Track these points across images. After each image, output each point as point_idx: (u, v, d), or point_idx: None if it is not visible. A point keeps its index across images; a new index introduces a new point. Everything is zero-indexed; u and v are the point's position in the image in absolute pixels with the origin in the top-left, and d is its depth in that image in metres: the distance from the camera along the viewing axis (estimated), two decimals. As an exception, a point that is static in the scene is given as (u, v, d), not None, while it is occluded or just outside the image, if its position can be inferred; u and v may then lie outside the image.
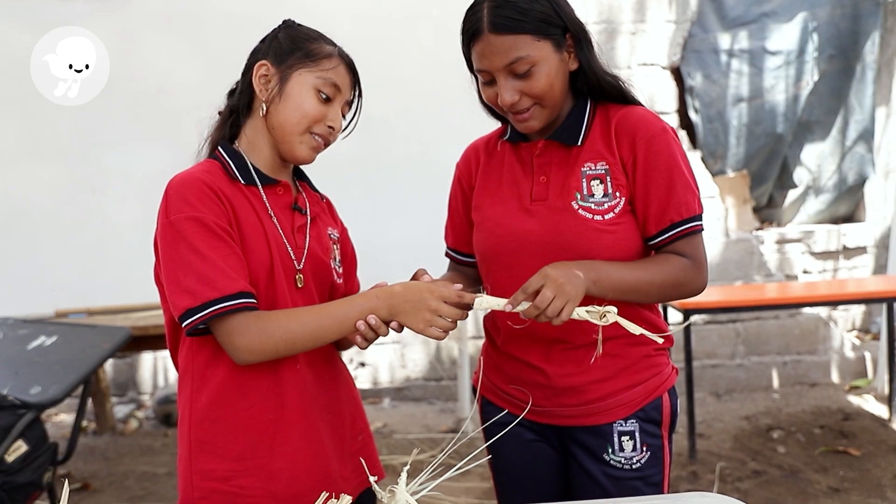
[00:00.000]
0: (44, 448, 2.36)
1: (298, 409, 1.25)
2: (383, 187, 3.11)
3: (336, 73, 1.27)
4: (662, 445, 1.38)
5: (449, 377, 4.21)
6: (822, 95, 4.33)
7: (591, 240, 1.30)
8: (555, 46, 1.28)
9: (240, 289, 1.15)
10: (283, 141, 1.26)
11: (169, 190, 1.19)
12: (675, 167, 1.30)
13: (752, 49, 4.26)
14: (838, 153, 4.42)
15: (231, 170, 1.25)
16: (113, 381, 4.29)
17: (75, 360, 2.50)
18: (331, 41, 1.31)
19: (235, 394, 1.21)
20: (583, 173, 1.32)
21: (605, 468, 1.36)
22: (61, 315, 2.99)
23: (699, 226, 1.33)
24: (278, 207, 1.28)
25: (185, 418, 1.25)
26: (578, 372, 1.35)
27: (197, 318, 1.13)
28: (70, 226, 2.99)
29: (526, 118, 1.31)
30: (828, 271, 4.45)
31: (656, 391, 1.38)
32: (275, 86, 1.25)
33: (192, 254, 1.14)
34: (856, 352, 4.30)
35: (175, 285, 1.15)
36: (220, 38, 3.03)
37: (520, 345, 1.39)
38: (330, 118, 1.27)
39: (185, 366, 1.25)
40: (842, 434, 3.49)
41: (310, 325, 1.18)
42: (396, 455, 3.39)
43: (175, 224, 1.15)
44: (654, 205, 1.31)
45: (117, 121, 2.99)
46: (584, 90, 1.36)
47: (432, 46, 3.14)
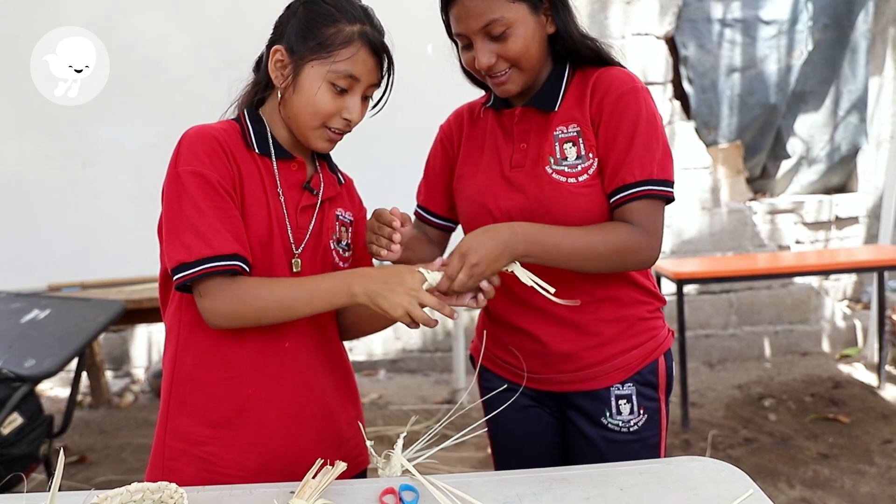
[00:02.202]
0: (39, 421, 2.37)
1: (280, 388, 1.22)
2: (376, 158, 3.09)
3: (353, 63, 1.18)
4: (659, 408, 1.39)
5: (443, 349, 4.23)
6: (815, 65, 4.32)
7: (567, 203, 1.29)
8: (531, 9, 1.26)
9: (233, 251, 1.13)
10: (298, 132, 1.23)
11: (182, 140, 1.16)
12: (637, 126, 1.26)
13: (745, 18, 4.23)
14: (831, 123, 4.42)
15: (248, 136, 1.22)
16: (108, 355, 4.29)
17: (69, 333, 2.50)
18: (356, 16, 1.20)
19: (218, 360, 1.20)
20: (555, 137, 1.31)
21: (603, 432, 1.37)
22: (55, 289, 2.98)
23: (656, 191, 1.26)
24: (288, 184, 1.24)
25: (167, 376, 1.23)
26: (573, 338, 1.36)
27: (189, 274, 1.11)
28: (62, 199, 2.97)
29: (503, 80, 1.30)
30: (820, 241, 4.48)
31: (652, 354, 1.38)
32: (289, 74, 1.19)
33: (192, 208, 1.12)
34: (846, 321, 4.34)
35: (173, 237, 1.13)
36: (211, 10, 3.00)
37: (515, 313, 1.39)
38: (346, 111, 1.21)
39: (172, 323, 1.23)
40: (832, 402, 3.54)
41: (280, 294, 1.13)
42: (392, 426, 3.42)
43: (181, 175, 1.13)
44: (612, 163, 1.27)
45: (108, 93, 2.95)
46: (563, 54, 1.34)
47: (423, 14, 3.11)
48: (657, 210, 1.28)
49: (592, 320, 1.35)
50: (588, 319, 1.35)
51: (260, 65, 1.27)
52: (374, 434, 3.32)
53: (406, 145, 3.18)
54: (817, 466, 2.90)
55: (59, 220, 2.98)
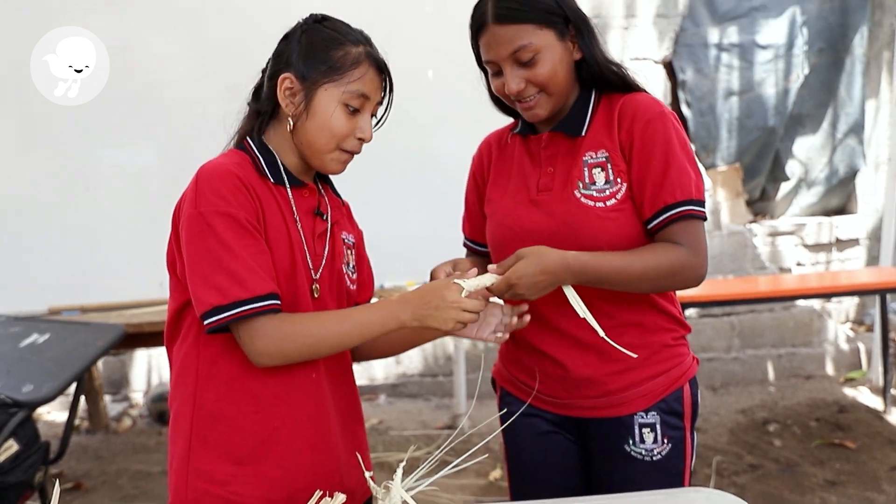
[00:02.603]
0: (35, 447, 2.33)
1: (307, 418, 1.21)
2: (375, 178, 3.09)
3: (363, 83, 1.21)
4: (684, 437, 1.38)
5: (445, 373, 4.20)
6: (812, 89, 4.35)
7: (595, 227, 1.31)
8: (557, 35, 1.30)
9: (270, 290, 1.13)
10: (313, 157, 1.23)
11: (200, 179, 1.15)
12: (670, 150, 1.29)
13: (742, 43, 4.27)
14: (829, 146, 4.44)
15: (261, 166, 1.21)
16: (106, 378, 4.25)
17: (68, 357, 2.48)
18: (357, 38, 1.24)
19: (243, 395, 1.18)
20: (584, 162, 1.34)
21: (625, 460, 1.36)
22: (54, 312, 2.96)
23: (696, 210, 1.30)
24: (302, 211, 1.24)
25: (184, 415, 1.20)
26: (595, 363, 1.36)
27: (224, 317, 1.10)
28: (64, 222, 2.96)
29: (532, 105, 1.33)
30: (821, 263, 4.47)
31: (677, 381, 1.37)
32: (300, 101, 1.20)
33: (222, 249, 1.11)
34: (850, 344, 4.32)
35: (202, 280, 1.11)
36: (216, 34, 3.02)
37: (538, 336, 1.40)
38: (359, 130, 1.23)
39: (188, 361, 1.21)
40: (837, 426, 3.50)
41: (332, 330, 1.16)
42: (392, 452, 3.38)
43: (206, 216, 1.12)
44: (649, 187, 1.30)
45: (112, 116, 2.96)
46: (589, 80, 1.37)
47: (428, 40, 3.14)
48: (699, 229, 1.31)
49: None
50: (612, 346, 1.34)
51: (259, 94, 1.27)
52: (374, 460, 3.28)
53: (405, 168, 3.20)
54: (824, 494, 2.86)
55: (61, 243, 2.97)
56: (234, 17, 2.99)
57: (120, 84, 2.93)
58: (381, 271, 3.12)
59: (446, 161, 3.14)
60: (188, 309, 1.19)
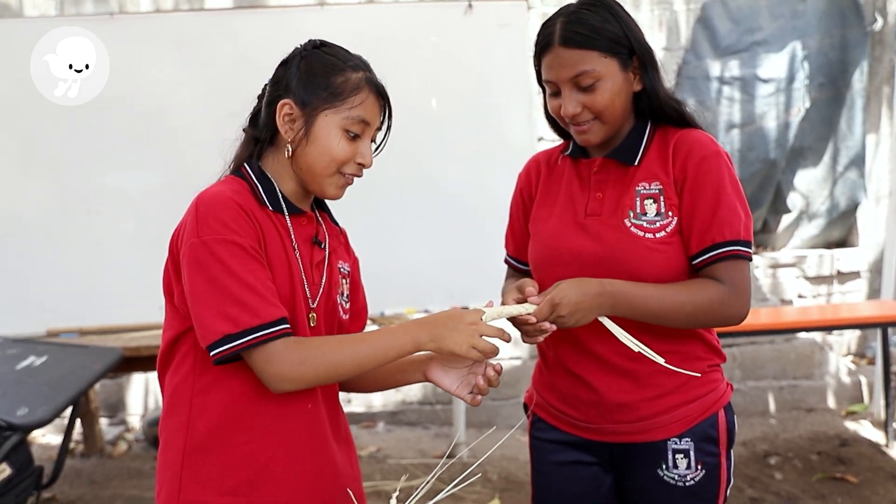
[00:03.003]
0: (28, 472, 2.32)
1: (301, 448, 1.20)
2: (381, 209, 3.11)
3: (364, 108, 1.21)
4: (719, 463, 1.38)
5: (444, 401, 4.17)
6: (813, 122, 4.38)
7: (642, 258, 1.32)
8: (621, 65, 1.32)
9: (280, 315, 1.12)
10: (312, 182, 1.23)
11: (200, 207, 1.13)
12: (722, 189, 1.31)
13: (744, 76, 4.31)
14: (830, 179, 4.46)
15: (259, 193, 1.20)
16: (103, 401, 4.23)
17: (65, 380, 2.47)
18: (357, 64, 1.23)
19: (237, 425, 1.16)
20: (637, 192, 1.36)
21: (658, 485, 1.37)
22: (53, 334, 2.96)
23: (743, 251, 1.31)
24: (301, 239, 1.23)
25: (175, 445, 1.18)
26: (630, 389, 1.36)
27: (237, 345, 1.09)
28: (64, 244, 2.97)
29: (585, 130, 1.35)
30: (822, 296, 4.46)
31: (712, 408, 1.38)
32: (300, 127, 1.19)
33: (229, 277, 1.09)
34: (851, 377, 4.29)
35: (209, 309, 1.10)
36: (218, 60, 3.05)
37: (573, 360, 1.40)
38: (359, 156, 1.22)
39: (181, 390, 1.19)
40: (839, 460, 3.47)
41: (350, 353, 1.14)
42: (390, 480, 3.34)
43: (209, 245, 1.10)
44: (698, 224, 1.32)
45: (114, 140, 2.98)
46: (646, 112, 1.39)
47: (428, 69, 3.17)
48: (744, 269, 1.32)
49: (651, 372, 1.35)
50: (647, 371, 1.35)
51: (256, 120, 1.26)
52: (371, 489, 3.24)
53: (406, 196, 3.21)
54: (826, 527, 2.82)
55: (60, 265, 2.97)
56: (238, 43, 3.03)
57: (122, 108, 2.96)
58: (381, 298, 3.16)
59: (447, 189, 3.17)
60: (184, 337, 1.18)
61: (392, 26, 3.14)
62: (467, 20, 3.13)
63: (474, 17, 3.13)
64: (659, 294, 1.28)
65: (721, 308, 1.30)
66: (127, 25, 3.06)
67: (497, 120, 3.18)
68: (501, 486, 3.26)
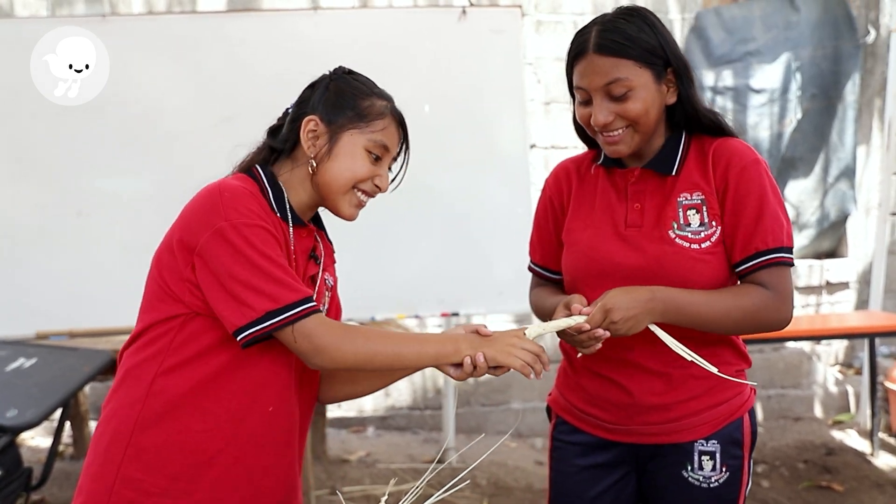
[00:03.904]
0: (17, 474, 2.31)
1: (255, 449, 1.20)
2: (373, 215, 3.10)
3: (386, 134, 1.26)
4: (742, 465, 1.40)
5: (433, 407, 4.17)
6: (805, 133, 4.41)
7: (688, 268, 1.33)
8: (654, 76, 1.32)
9: (311, 293, 1.16)
10: (328, 198, 1.26)
11: (222, 194, 1.16)
12: (764, 197, 1.32)
13: (737, 87, 4.33)
14: (821, 189, 4.48)
15: (269, 197, 1.23)
16: (93, 404, 4.21)
17: (54, 383, 2.46)
18: (383, 94, 1.29)
19: (194, 411, 1.17)
20: (679, 203, 1.36)
21: (682, 485, 1.39)
22: (42, 337, 2.95)
23: (786, 258, 1.33)
24: (300, 251, 1.25)
25: (125, 419, 1.17)
26: (662, 391, 1.38)
27: (280, 321, 1.12)
28: (55, 247, 2.95)
29: (616, 140, 1.35)
30: (811, 306, 4.49)
31: (738, 411, 1.40)
32: (324, 144, 1.23)
33: (262, 258, 1.13)
34: (839, 386, 4.32)
35: (245, 289, 1.12)
36: (212, 65, 3.05)
37: (604, 363, 1.41)
38: (378, 178, 1.27)
39: (143, 367, 1.19)
40: (825, 469, 3.49)
41: (394, 349, 1.18)
42: (379, 485, 3.34)
43: (239, 228, 1.13)
44: (742, 232, 1.33)
45: (105, 142, 2.97)
46: (682, 123, 1.39)
47: (422, 75, 3.18)
48: (788, 275, 1.34)
49: (684, 375, 1.37)
50: (680, 374, 1.37)
51: (276, 133, 1.30)
52: (360, 493, 3.25)
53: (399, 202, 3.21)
54: (811, 536, 2.84)
55: (51, 268, 2.96)
56: (231, 46, 3.02)
57: (114, 111, 2.94)
58: (372, 303, 3.16)
59: (439, 195, 3.17)
60: (166, 322, 1.18)
61: (385, 32, 3.14)
62: (461, 26, 3.14)
63: (468, 23, 3.14)
64: (707, 300, 1.30)
65: (767, 313, 1.31)
66: (119, 27, 3.04)
67: (489, 127, 3.19)
68: (490, 491, 3.26)
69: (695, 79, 1.37)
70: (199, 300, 1.16)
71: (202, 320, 1.17)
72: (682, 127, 1.40)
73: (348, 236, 1.46)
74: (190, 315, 1.17)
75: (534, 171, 3.82)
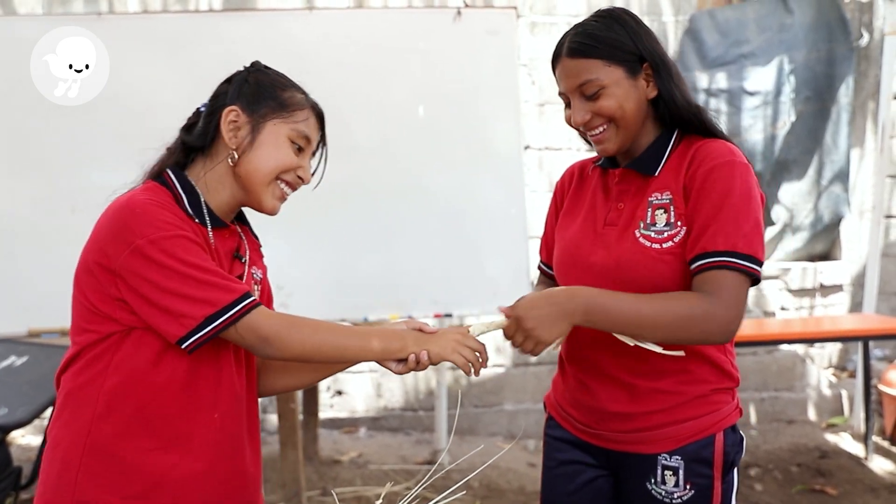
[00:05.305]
0: (7, 472, 2.30)
1: (206, 459, 1.19)
2: (367, 215, 3.10)
3: (308, 126, 1.26)
4: (712, 486, 1.35)
5: (426, 408, 4.17)
6: (798, 136, 4.41)
7: (648, 267, 1.31)
8: (628, 72, 1.32)
9: (248, 289, 1.15)
10: (251, 190, 1.24)
11: (132, 211, 1.14)
12: (727, 199, 1.26)
13: (731, 89, 4.34)
14: (815, 192, 4.49)
15: (183, 203, 1.21)
16: (83, 405, 4.19)
17: (45, 381, 2.45)
18: (301, 89, 1.29)
19: (142, 428, 1.15)
20: (649, 202, 1.35)
21: (646, 497, 1.37)
22: (34, 334, 2.93)
23: (737, 263, 1.23)
24: (223, 253, 1.24)
25: (73, 443, 1.15)
26: (626, 401, 1.37)
27: (221, 323, 1.11)
28: (48, 243, 2.93)
29: (600, 138, 1.36)
30: (804, 308, 4.49)
31: (709, 429, 1.35)
32: (246, 134, 1.22)
33: (189, 267, 1.11)
34: (832, 389, 4.33)
35: (179, 300, 1.10)
36: (206, 60, 3.03)
37: (580, 366, 1.43)
38: (301, 169, 1.26)
39: (86, 389, 1.16)
40: (819, 472, 3.49)
41: (340, 342, 1.19)
42: (371, 486, 3.34)
43: (158, 242, 1.11)
44: (695, 231, 1.28)
45: (100, 139, 2.96)
46: (671, 121, 1.37)
47: (417, 76, 3.18)
48: (738, 284, 1.25)
49: (649, 389, 1.35)
50: (645, 387, 1.35)
51: (192, 129, 1.27)
52: (352, 494, 3.24)
53: (393, 203, 3.21)
54: (804, 539, 2.84)
55: (43, 264, 2.94)
56: (226, 45, 3.01)
57: (109, 108, 2.93)
58: (365, 303, 3.15)
59: (433, 196, 3.17)
60: (102, 342, 1.16)
61: (381, 32, 3.14)
62: (456, 27, 3.13)
63: (463, 24, 3.14)
64: (635, 303, 1.25)
65: (702, 321, 1.23)
66: (115, 26, 3.03)
67: (484, 128, 3.19)
68: (483, 493, 3.26)
69: (676, 74, 1.36)
70: (132, 315, 1.14)
71: (138, 334, 1.15)
72: (673, 126, 1.38)
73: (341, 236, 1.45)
74: (125, 331, 1.15)
75: (528, 173, 3.82)
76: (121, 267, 1.12)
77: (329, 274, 3.01)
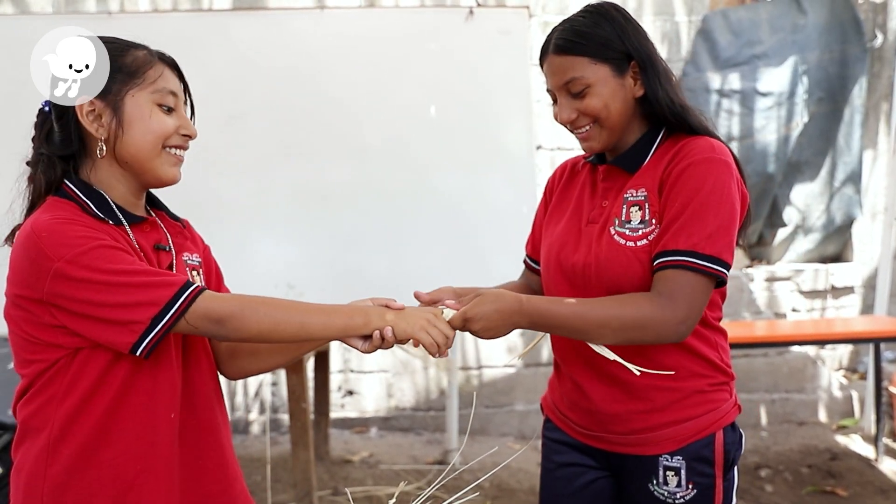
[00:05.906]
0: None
1: (171, 459, 1.16)
2: (376, 213, 3.10)
3: (165, 80, 1.18)
4: (714, 485, 1.34)
5: (437, 408, 4.17)
6: (811, 137, 4.39)
7: (622, 265, 1.29)
8: (614, 71, 1.31)
9: (187, 278, 1.11)
10: (143, 169, 1.17)
11: (39, 236, 1.06)
12: (697, 197, 1.23)
13: (743, 90, 4.32)
14: (827, 194, 4.47)
15: (91, 209, 1.14)
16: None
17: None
18: (135, 43, 1.19)
19: (102, 443, 1.12)
20: (624, 199, 1.33)
21: (649, 499, 1.36)
22: None
23: (697, 264, 1.21)
24: (146, 247, 1.19)
25: (35, 470, 1.12)
26: (622, 399, 1.35)
27: (170, 318, 1.06)
28: None
29: (585, 137, 1.35)
30: (816, 310, 4.47)
31: (709, 428, 1.34)
32: (111, 119, 1.14)
33: (118, 275, 1.06)
34: (843, 391, 4.30)
35: (118, 310, 1.06)
36: (217, 64, 3.04)
37: (575, 367, 1.41)
38: (182, 127, 1.20)
39: (40, 415, 1.12)
40: (829, 474, 3.47)
41: (299, 319, 1.14)
42: (382, 486, 3.34)
43: (78, 260, 1.05)
44: (661, 228, 1.27)
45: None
46: (658, 119, 1.35)
47: (428, 75, 3.17)
48: (694, 284, 1.22)
49: (644, 386, 1.33)
50: (640, 384, 1.33)
51: (50, 139, 1.18)
52: (363, 494, 3.24)
53: (405, 202, 3.21)
54: (815, 542, 2.82)
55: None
56: (236, 44, 3.02)
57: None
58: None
59: (444, 195, 3.16)
60: (48, 371, 1.12)
61: (392, 31, 3.14)
62: (468, 27, 3.13)
63: (475, 23, 3.13)
64: (583, 310, 1.23)
65: (650, 324, 1.21)
66: (125, 25, 3.04)
67: (496, 127, 3.18)
68: (493, 493, 3.25)
69: (664, 72, 1.32)
70: (75, 337, 1.10)
71: (85, 353, 1.11)
72: (660, 124, 1.35)
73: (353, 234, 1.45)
74: (71, 353, 1.11)
75: (539, 173, 3.81)
76: (48, 295, 1.07)
77: (339, 273, 3.01)
